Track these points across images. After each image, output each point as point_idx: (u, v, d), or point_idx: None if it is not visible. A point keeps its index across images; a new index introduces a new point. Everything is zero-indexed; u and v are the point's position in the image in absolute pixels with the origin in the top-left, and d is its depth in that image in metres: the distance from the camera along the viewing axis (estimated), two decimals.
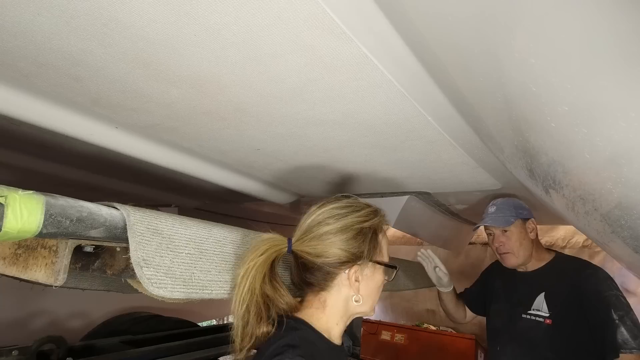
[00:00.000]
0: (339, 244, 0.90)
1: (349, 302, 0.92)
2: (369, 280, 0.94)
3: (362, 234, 0.92)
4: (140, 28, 0.72)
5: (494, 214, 1.65)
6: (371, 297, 0.95)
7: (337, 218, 0.92)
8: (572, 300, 1.50)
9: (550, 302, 1.56)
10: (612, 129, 0.62)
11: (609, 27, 0.51)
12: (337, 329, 0.93)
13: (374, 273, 0.95)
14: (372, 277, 0.95)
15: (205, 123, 1.16)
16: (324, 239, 0.90)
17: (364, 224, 0.93)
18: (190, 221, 0.92)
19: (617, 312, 1.39)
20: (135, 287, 0.81)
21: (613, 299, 1.42)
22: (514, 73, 0.67)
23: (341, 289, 0.92)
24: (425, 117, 1.04)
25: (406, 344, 3.11)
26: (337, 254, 0.90)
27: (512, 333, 1.63)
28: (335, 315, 0.92)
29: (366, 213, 0.96)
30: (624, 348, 1.33)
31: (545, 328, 1.53)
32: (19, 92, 1.01)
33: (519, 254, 1.61)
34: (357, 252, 0.91)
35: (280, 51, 0.77)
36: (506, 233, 1.62)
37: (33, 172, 1.78)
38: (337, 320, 0.93)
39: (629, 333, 1.35)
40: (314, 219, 0.94)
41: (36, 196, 0.62)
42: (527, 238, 1.63)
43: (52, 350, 1.66)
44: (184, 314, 2.89)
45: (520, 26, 0.57)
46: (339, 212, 0.93)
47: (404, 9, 0.69)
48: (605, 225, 0.91)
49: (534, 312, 1.59)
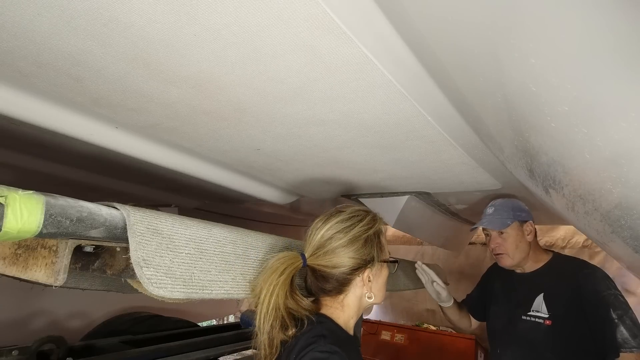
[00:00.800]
0: (351, 254, 1.00)
1: (362, 299, 1.04)
2: (378, 277, 1.07)
3: (369, 241, 1.03)
4: (140, 28, 0.72)
5: (491, 215, 1.65)
6: (381, 291, 1.08)
7: (345, 232, 1.02)
8: (571, 300, 1.50)
9: (549, 302, 1.55)
10: (612, 129, 0.62)
11: (609, 27, 0.51)
12: (352, 322, 1.05)
13: (381, 270, 1.08)
14: (380, 274, 1.08)
15: (205, 123, 1.16)
16: (337, 252, 1.00)
17: (369, 232, 1.04)
18: (190, 221, 0.92)
19: (616, 312, 1.38)
20: (135, 287, 0.81)
21: (612, 299, 1.42)
22: (514, 73, 0.67)
23: (356, 290, 1.03)
24: (425, 117, 1.04)
25: (406, 344, 3.11)
26: (351, 263, 1.00)
27: (512, 335, 1.63)
28: (352, 311, 1.04)
29: (368, 221, 1.06)
30: (624, 347, 1.33)
31: (545, 329, 1.53)
32: (19, 92, 1.01)
33: (514, 256, 1.62)
34: (367, 258, 1.02)
35: (280, 51, 0.77)
36: (503, 235, 1.62)
37: (33, 172, 1.77)
38: (353, 315, 1.04)
39: (629, 332, 1.35)
40: (322, 234, 1.03)
41: (36, 196, 0.62)
42: (524, 240, 1.62)
43: (52, 350, 1.66)
44: (184, 314, 2.89)
45: (520, 26, 0.57)
46: (344, 225, 1.03)
47: (404, 9, 0.69)
48: (605, 225, 0.91)
49: (533, 313, 1.58)
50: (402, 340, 3.14)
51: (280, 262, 0.97)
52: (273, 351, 0.93)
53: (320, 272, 1.01)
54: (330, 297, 1.03)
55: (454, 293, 1.92)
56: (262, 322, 0.92)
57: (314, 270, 1.03)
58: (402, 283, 1.85)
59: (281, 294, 0.93)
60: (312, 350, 0.86)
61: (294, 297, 0.97)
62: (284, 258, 0.98)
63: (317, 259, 1.01)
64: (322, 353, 0.85)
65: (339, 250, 1.00)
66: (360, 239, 1.01)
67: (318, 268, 1.01)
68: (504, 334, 1.68)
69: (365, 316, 3.68)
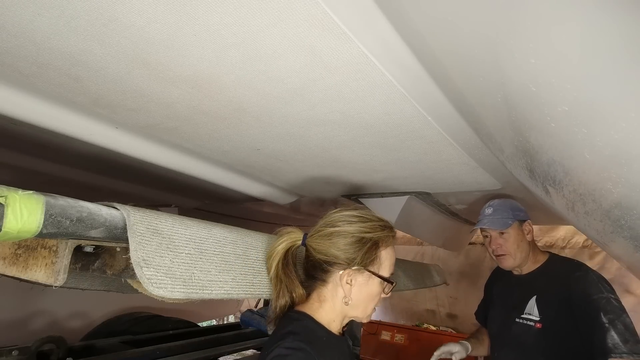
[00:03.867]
0: (338, 245, 0.99)
1: (342, 302, 1.01)
2: (362, 287, 1.00)
3: (361, 242, 1.00)
4: (140, 28, 0.72)
5: (491, 215, 1.62)
6: (362, 304, 1.02)
7: (346, 223, 1.01)
8: (562, 303, 1.47)
9: (541, 306, 1.53)
10: (612, 129, 0.62)
11: (609, 27, 0.51)
12: (334, 325, 1.01)
13: (368, 282, 1.01)
14: (366, 286, 1.01)
15: (205, 123, 1.16)
16: (329, 238, 1.00)
17: (366, 234, 1.00)
18: (190, 221, 0.92)
19: (607, 316, 1.34)
20: (135, 287, 0.81)
21: (603, 302, 1.38)
22: (514, 73, 0.67)
23: (337, 289, 1.00)
24: (425, 117, 1.04)
25: (406, 344, 3.11)
26: (334, 254, 0.99)
27: (505, 338, 1.62)
28: (331, 311, 1.01)
29: (373, 225, 1.02)
30: (614, 352, 1.29)
31: (536, 332, 1.51)
32: (19, 92, 1.01)
33: (516, 256, 1.59)
34: (350, 257, 0.99)
35: (280, 51, 0.77)
36: (503, 235, 1.59)
37: (33, 172, 1.78)
38: (334, 317, 1.01)
39: (620, 337, 1.30)
40: (328, 219, 1.04)
41: (36, 196, 0.62)
42: (524, 240, 1.61)
43: (52, 350, 1.66)
44: (184, 314, 2.89)
45: (520, 26, 0.57)
46: (350, 218, 1.02)
47: (404, 9, 0.69)
48: (606, 225, 0.91)
49: (526, 316, 1.56)
50: (402, 340, 3.14)
51: (282, 234, 1.05)
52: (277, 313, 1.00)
53: (308, 253, 1.04)
54: (316, 291, 1.03)
55: (454, 293, 1.92)
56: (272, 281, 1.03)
57: (307, 250, 1.04)
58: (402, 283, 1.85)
59: (276, 261, 1.01)
60: (278, 346, 0.87)
61: (285, 272, 1.02)
62: (287, 232, 1.05)
63: (312, 240, 1.03)
64: (287, 349, 0.86)
65: (331, 237, 1.00)
66: (353, 236, 0.99)
67: (309, 248, 1.03)
68: (499, 337, 1.67)
69: None
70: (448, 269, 3.32)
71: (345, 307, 1.00)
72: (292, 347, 0.86)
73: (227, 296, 0.91)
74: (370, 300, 1.02)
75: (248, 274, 1.00)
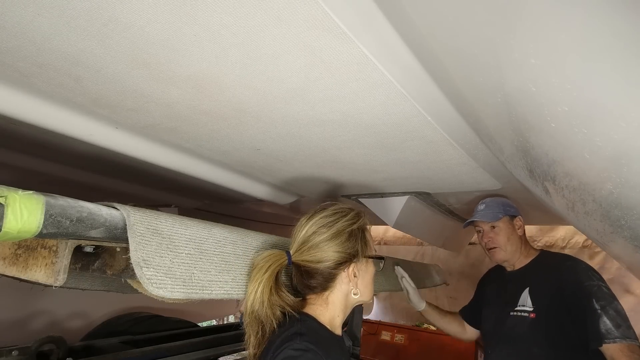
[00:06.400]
0: (335, 247, 1.01)
1: (348, 296, 1.04)
2: (364, 273, 1.07)
3: (353, 235, 1.04)
4: (140, 28, 0.72)
5: (483, 210, 1.70)
6: (368, 288, 1.08)
7: (328, 226, 1.02)
8: (554, 293, 1.50)
9: (534, 296, 1.56)
10: (612, 129, 0.62)
11: (609, 27, 0.50)
12: (338, 320, 1.04)
13: (367, 266, 1.08)
14: (366, 270, 1.08)
15: (205, 123, 1.16)
16: (321, 246, 1.01)
17: (352, 227, 1.04)
18: (190, 221, 0.92)
19: (598, 302, 1.37)
20: (135, 287, 0.81)
21: (594, 289, 1.41)
22: (514, 73, 0.67)
23: (342, 286, 1.03)
24: (425, 117, 1.04)
25: (406, 344, 3.11)
26: (335, 257, 1.00)
27: (499, 333, 1.64)
28: (337, 309, 1.03)
29: (352, 216, 1.07)
30: (607, 338, 1.31)
31: (530, 322, 1.53)
32: (19, 92, 1.01)
33: (506, 249, 1.66)
34: (352, 252, 1.02)
35: (280, 51, 0.77)
36: (495, 229, 1.67)
37: (33, 172, 1.78)
38: (339, 313, 1.04)
39: (612, 322, 1.32)
40: (307, 230, 1.03)
41: (36, 196, 0.62)
42: (515, 234, 1.67)
43: (52, 350, 1.66)
44: (184, 314, 2.89)
45: (520, 26, 0.57)
46: (328, 220, 1.04)
47: (403, 9, 0.69)
48: (606, 225, 0.91)
49: (520, 308, 1.59)
50: (402, 341, 3.14)
51: (265, 260, 0.98)
52: (257, 351, 0.95)
53: (305, 268, 1.01)
54: (316, 294, 1.03)
55: (454, 293, 1.92)
56: (247, 316, 0.94)
57: (299, 267, 1.03)
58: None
59: (265, 291, 0.94)
60: (286, 347, 0.86)
61: (279, 294, 0.98)
62: (269, 256, 0.99)
63: (302, 255, 1.01)
64: (296, 351, 0.85)
65: (322, 244, 1.00)
66: (344, 233, 1.02)
67: (303, 264, 1.01)
68: (493, 334, 1.69)
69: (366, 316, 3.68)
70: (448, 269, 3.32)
71: (353, 299, 1.04)
72: (301, 349, 0.86)
73: (227, 296, 0.91)
74: (372, 281, 1.09)
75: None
